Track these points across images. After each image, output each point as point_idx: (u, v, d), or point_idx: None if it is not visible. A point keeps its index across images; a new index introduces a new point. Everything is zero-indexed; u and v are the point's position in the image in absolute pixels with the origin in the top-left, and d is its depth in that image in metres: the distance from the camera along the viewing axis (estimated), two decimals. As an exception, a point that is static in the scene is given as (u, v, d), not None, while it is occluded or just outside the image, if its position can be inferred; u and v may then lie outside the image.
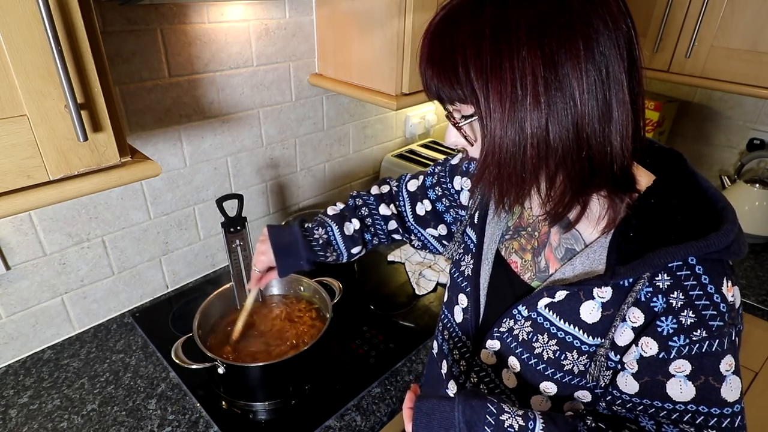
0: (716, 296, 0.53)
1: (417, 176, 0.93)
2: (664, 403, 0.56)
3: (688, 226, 0.54)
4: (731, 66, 1.44)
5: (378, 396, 1.01)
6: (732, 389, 0.54)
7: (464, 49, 0.51)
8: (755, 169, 1.80)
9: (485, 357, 0.73)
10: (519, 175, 0.53)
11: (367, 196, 0.95)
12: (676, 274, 0.54)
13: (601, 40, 0.49)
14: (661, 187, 0.57)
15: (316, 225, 0.90)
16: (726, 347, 0.53)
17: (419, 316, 1.23)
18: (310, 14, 1.27)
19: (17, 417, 0.95)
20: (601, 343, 0.59)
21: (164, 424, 0.94)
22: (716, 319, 0.53)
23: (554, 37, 0.48)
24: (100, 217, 1.11)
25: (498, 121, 0.51)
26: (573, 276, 0.61)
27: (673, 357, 0.54)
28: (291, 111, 1.36)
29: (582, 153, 0.52)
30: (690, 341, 0.53)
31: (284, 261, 0.88)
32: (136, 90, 1.05)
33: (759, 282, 1.44)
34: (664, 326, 0.54)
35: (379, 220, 0.93)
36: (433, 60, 0.54)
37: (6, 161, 0.60)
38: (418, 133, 1.78)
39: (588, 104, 0.49)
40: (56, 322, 1.12)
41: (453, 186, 0.86)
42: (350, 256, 0.92)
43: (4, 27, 0.54)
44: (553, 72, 0.48)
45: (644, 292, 0.55)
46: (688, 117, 1.96)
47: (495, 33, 0.49)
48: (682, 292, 0.53)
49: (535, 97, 0.49)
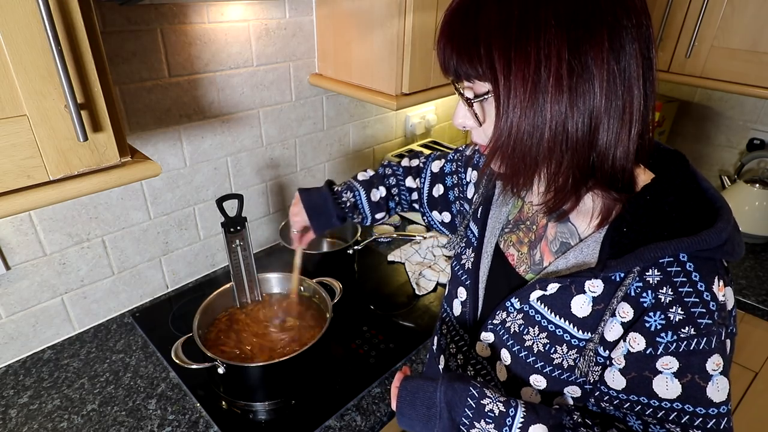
0: (706, 294, 0.53)
1: (440, 158, 0.96)
2: (650, 399, 0.56)
3: (682, 222, 0.54)
4: (731, 66, 1.44)
5: (378, 396, 1.01)
6: (719, 389, 0.54)
7: (489, 27, 0.51)
8: (755, 169, 1.80)
9: (480, 349, 0.73)
10: (533, 158, 0.53)
11: (397, 167, 1.00)
12: (666, 269, 0.54)
13: (623, 34, 0.49)
14: (658, 184, 0.57)
15: (345, 188, 0.96)
16: (714, 346, 0.53)
17: (419, 316, 1.23)
18: (310, 14, 1.27)
19: (17, 417, 0.95)
20: (591, 337, 0.59)
21: (164, 424, 0.94)
22: (705, 317, 0.52)
23: (581, 24, 0.48)
24: (100, 217, 1.11)
25: (518, 101, 0.51)
26: (566, 269, 0.62)
27: (660, 353, 0.54)
28: (291, 111, 1.36)
29: (592, 144, 0.52)
30: (678, 338, 0.53)
31: (317, 219, 0.94)
32: (136, 90, 1.05)
33: (759, 282, 1.44)
34: (652, 322, 0.54)
35: (405, 191, 0.99)
36: (453, 35, 0.54)
37: (6, 161, 0.60)
38: (418, 133, 1.78)
39: (606, 96, 0.50)
40: (56, 322, 1.12)
41: (466, 177, 0.87)
42: (374, 220, 0.99)
43: (4, 27, 0.54)
44: (578, 59, 0.48)
45: (634, 287, 0.55)
46: (688, 117, 1.96)
47: (523, 13, 0.49)
48: (671, 288, 0.53)
49: (558, 81, 0.49)
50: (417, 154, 1.03)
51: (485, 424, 0.59)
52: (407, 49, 1.11)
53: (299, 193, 0.96)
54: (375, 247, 1.51)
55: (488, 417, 0.59)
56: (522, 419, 0.58)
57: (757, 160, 1.74)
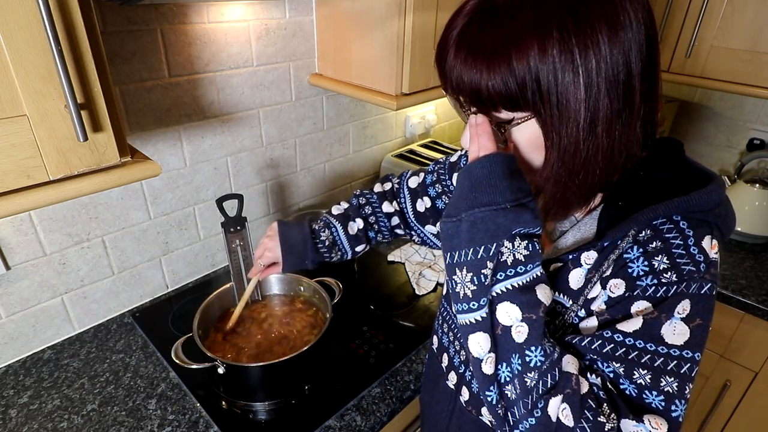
0: (694, 248, 0.52)
1: (418, 173, 0.94)
2: (613, 334, 0.53)
3: (675, 190, 0.55)
4: (731, 66, 1.44)
5: (378, 396, 1.01)
6: (675, 333, 0.50)
7: (524, 39, 0.46)
8: (755, 169, 1.80)
9: None
10: (590, 187, 0.53)
11: (370, 194, 0.96)
12: (658, 228, 0.53)
13: (652, 44, 0.50)
14: (651, 161, 0.57)
15: (322, 226, 0.92)
16: (690, 292, 0.51)
17: (419, 316, 1.23)
18: (310, 14, 1.27)
19: (17, 417, 0.95)
20: (576, 301, 0.59)
21: (164, 424, 0.94)
22: (690, 266, 0.51)
23: (619, 38, 0.47)
24: (100, 217, 1.11)
25: (573, 126, 0.48)
26: (566, 248, 0.62)
27: (637, 295, 0.52)
28: (291, 111, 1.36)
29: (616, 154, 0.52)
30: (658, 282, 0.51)
31: (290, 259, 0.90)
32: (136, 90, 1.05)
33: (759, 282, 1.44)
34: (634, 267, 0.53)
35: (383, 218, 0.95)
36: (475, 48, 0.49)
37: (6, 161, 0.60)
38: (418, 133, 1.78)
39: (641, 110, 0.50)
40: (56, 322, 1.12)
41: (452, 183, 0.86)
42: (354, 254, 0.94)
43: (4, 27, 0.54)
44: (625, 70, 0.48)
45: (625, 247, 0.55)
46: (687, 117, 1.96)
47: (561, 28, 0.46)
48: (661, 242, 0.52)
49: (613, 105, 0.48)
50: (388, 177, 0.99)
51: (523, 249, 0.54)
52: (407, 49, 1.11)
53: (278, 226, 0.91)
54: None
55: (536, 255, 0.54)
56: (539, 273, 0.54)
57: (757, 160, 1.74)
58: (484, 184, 0.52)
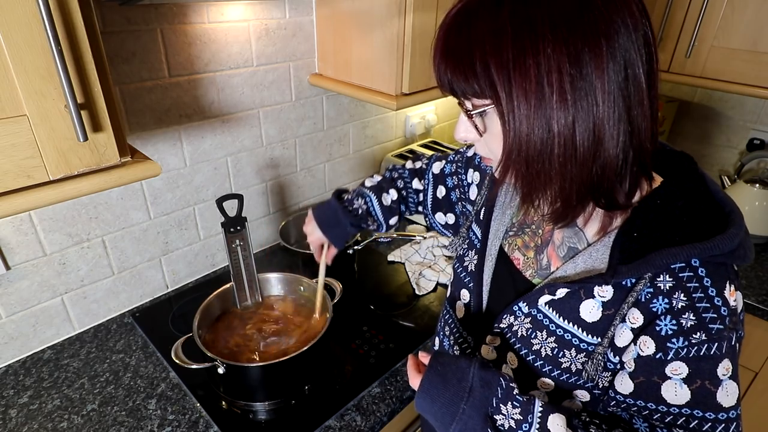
0: (717, 299, 0.52)
1: (441, 159, 0.95)
2: (658, 405, 0.55)
3: (693, 227, 0.54)
4: (731, 66, 1.44)
5: (378, 396, 1.01)
6: (728, 394, 0.54)
7: (483, 44, 0.50)
8: (755, 169, 1.80)
9: (486, 352, 0.73)
10: (547, 174, 0.52)
11: (402, 170, 1.00)
12: (678, 275, 0.53)
13: (621, 41, 0.48)
14: (667, 188, 0.57)
15: (356, 196, 0.95)
16: (725, 351, 0.53)
17: (419, 316, 1.23)
18: (310, 14, 1.27)
19: (17, 417, 0.95)
20: (600, 342, 0.59)
21: (164, 424, 0.94)
22: (716, 323, 0.52)
23: (579, 35, 0.47)
24: (100, 217, 1.11)
25: (524, 117, 0.50)
26: (575, 274, 0.61)
27: (671, 358, 0.54)
28: (291, 111, 1.36)
29: (596, 156, 0.51)
30: (689, 344, 0.53)
31: (332, 232, 0.94)
32: (136, 90, 1.05)
33: (759, 282, 1.44)
34: (663, 326, 0.54)
35: (413, 194, 0.98)
36: (449, 53, 0.54)
37: (6, 161, 0.60)
38: (418, 133, 1.78)
39: (609, 106, 0.49)
40: (56, 322, 1.12)
41: (466, 178, 0.87)
42: (388, 227, 0.97)
43: (4, 27, 0.54)
44: (579, 70, 0.48)
45: (645, 293, 0.55)
46: (688, 117, 1.96)
47: (517, 29, 0.48)
48: (684, 294, 0.53)
49: (562, 95, 0.48)
50: (419, 156, 1.02)
51: (512, 408, 0.57)
52: (407, 49, 1.11)
53: (311, 211, 0.97)
54: (375, 247, 1.51)
55: (516, 401, 0.58)
56: (541, 408, 0.57)
57: (757, 160, 1.74)
58: (437, 407, 0.60)
